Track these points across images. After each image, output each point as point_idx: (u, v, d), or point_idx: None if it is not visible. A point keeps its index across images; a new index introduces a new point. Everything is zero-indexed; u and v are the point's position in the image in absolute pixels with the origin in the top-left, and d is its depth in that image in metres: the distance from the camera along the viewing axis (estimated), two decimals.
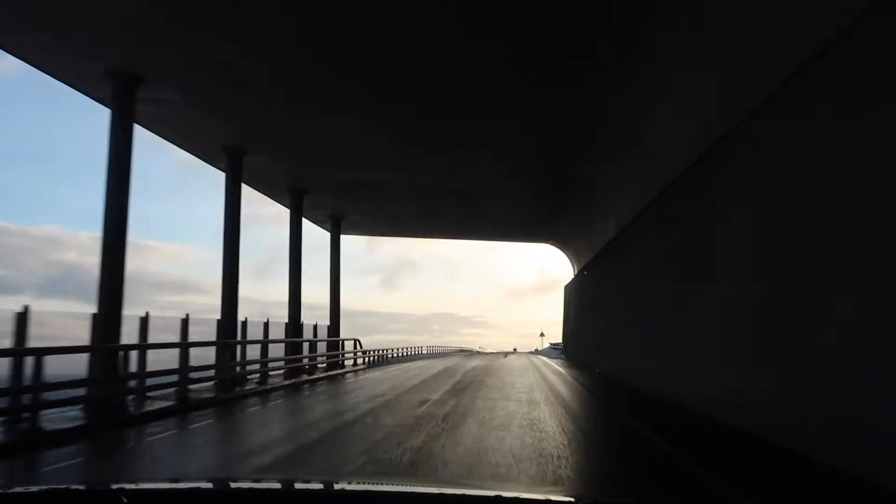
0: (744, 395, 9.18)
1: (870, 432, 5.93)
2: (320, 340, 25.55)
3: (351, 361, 28.97)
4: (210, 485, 2.16)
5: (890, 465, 5.47)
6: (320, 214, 29.55)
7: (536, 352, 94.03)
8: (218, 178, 19.79)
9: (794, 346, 7.82)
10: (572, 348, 37.61)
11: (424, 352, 50.35)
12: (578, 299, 33.21)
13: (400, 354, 42.46)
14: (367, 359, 31.46)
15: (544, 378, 20.50)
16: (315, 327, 27.08)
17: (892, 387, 5.74)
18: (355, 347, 29.88)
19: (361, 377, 22.33)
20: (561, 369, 26.45)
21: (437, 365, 30.38)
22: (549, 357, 44.63)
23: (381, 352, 35.49)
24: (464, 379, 19.75)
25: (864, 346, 6.27)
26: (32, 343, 9.76)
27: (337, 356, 28.05)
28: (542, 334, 56.74)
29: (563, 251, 36.57)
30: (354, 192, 25.35)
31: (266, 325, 22.61)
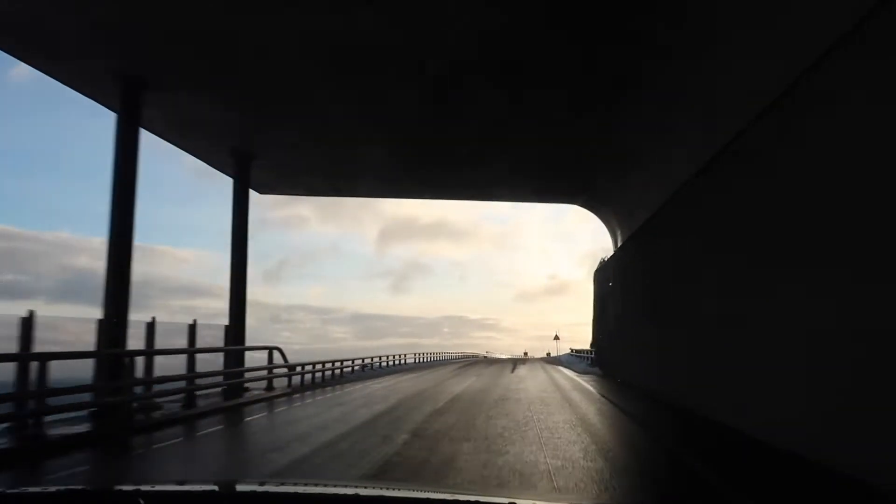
0: None
1: None
2: (162, 352, 13.87)
3: (271, 385, 17.66)
4: (226, 487, 2.16)
5: None
6: (215, 148, 18.21)
7: (549, 357, 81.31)
8: (228, 182, 19.21)
9: None
10: (612, 360, 25.94)
11: (410, 361, 38.82)
12: (630, 282, 21.46)
13: (379, 365, 31.21)
14: (304, 377, 19.99)
15: (604, 452, 8.84)
16: (192, 328, 15.86)
17: None
18: (270, 362, 18.42)
19: (204, 435, 10.88)
20: (615, 403, 14.90)
21: (405, 388, 18.98)
22: (575, 370, 32.97)
23: (336, 366, 24.02)
24: (409, 447, 8.26)
25: None
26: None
27: (240, 377, 16.79)
28: (556, 337, 45.41)
29: (599, 212, 24.85)
30: (259, 96, 14.06)
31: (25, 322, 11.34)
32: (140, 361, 12.90)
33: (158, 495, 1.81)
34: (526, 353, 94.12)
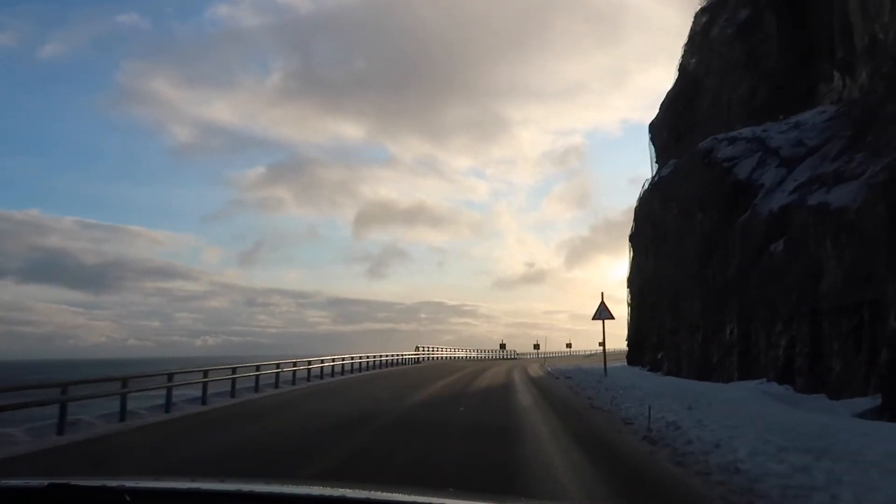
0: None
1: None
2: None
3: None
4: (211, 485, 2.14)
5: None
6: None
7: (543, 354, 55.52)
8: (204, 164, 5.41)
9: None
10: None
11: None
12: None
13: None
14: None
15: None
16: None
17: None
18: None
19: None
20: None
21: None
22: None
23: None
24: None
25: None
26: None
27: None
28: (601, 309, 20.12)
29: None
30: None
31: None
32: None
33: (143, 492, 1.86)
34: (504, 346, 66.59)
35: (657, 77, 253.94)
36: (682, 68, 37.99)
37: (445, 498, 2.08)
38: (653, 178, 36.24)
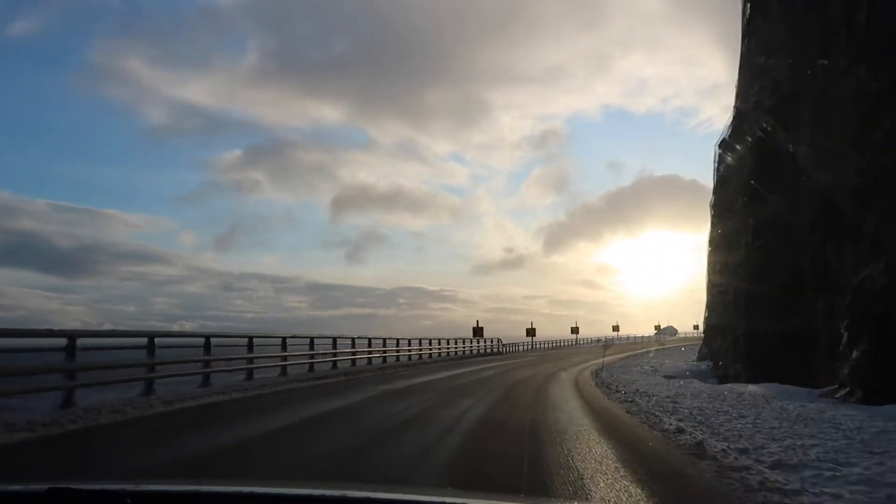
0: None
1: None
2: None
3: None
4: (212, 486, 2.17)
5: None
6: None
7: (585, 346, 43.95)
8: (179, 146, 1.58)
9: None
10: None
11: None
12: None
13: None
14: None
15: None
16: None
17: None
18: None
19: None
20: None
21: None
22: None
23: None
24: None
25: None
26: None
27: None
28: None
29: None
30: None
31: None
32: None
33: (144, 495, 1.84)
34: (480, 331, 46.43)
35: (639, 62, 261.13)
36: None
37: (445, 497, 2.07)
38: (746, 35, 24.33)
